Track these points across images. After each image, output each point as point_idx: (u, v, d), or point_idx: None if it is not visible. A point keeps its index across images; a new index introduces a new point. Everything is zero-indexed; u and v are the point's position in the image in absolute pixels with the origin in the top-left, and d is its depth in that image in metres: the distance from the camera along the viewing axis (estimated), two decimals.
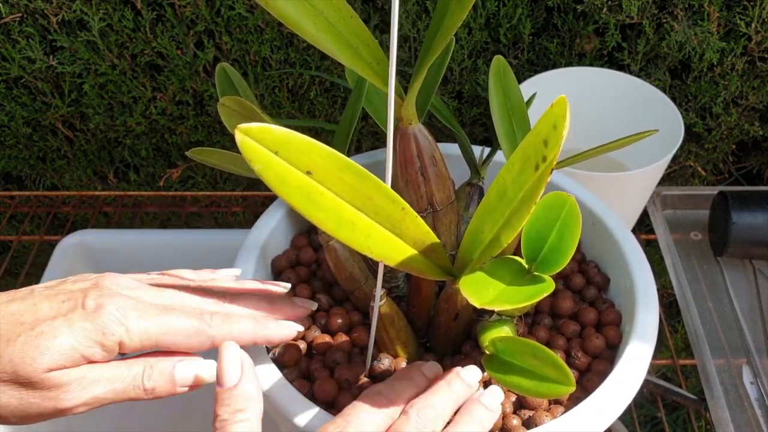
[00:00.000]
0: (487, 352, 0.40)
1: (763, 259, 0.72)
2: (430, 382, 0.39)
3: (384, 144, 0.44)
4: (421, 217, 0.46)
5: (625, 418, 0.76)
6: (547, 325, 0.49)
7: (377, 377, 0.45)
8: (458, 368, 0.40)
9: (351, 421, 0.35)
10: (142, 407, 0.69)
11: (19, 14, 0.77)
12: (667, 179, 0.90)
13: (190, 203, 0.95)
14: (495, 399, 0.39)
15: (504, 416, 0.43)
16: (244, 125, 0.31)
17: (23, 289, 0.37)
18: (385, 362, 0.45)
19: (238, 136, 0.31)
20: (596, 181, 0.63)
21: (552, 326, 0.50)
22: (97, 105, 0.84)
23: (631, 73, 0.79)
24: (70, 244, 0.77)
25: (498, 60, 0.51)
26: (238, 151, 0.31)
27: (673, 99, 0.81)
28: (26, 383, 0.33)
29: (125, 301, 0.36)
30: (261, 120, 0.41)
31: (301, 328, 0.41)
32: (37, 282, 0.73)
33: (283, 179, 0.32)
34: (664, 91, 0.79)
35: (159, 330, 0.35)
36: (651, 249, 0.91)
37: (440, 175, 0.44)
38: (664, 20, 0.76)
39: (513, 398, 0.44)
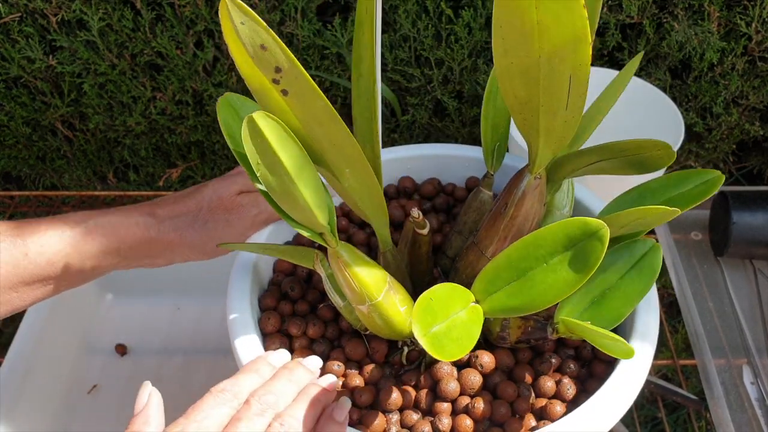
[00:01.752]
0: None
1: (764, 259, 0.72)
2: (277, 371, 0.40)
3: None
4: (463, 237, 0.48)
5: (626, 418, 0.76)
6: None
7: None
8: (300, 358, 0.42)
9: (192, 419, 0.36)
10: None
11: (19, 14, 0.77)
12: None
13: None
14: (329, 381, 0.41)
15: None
16: None
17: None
18: None
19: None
20: (596, 181, 0.63)
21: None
22: (97, 105, 0.84)
23: None
24: None
25: None
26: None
27: (674, 99, 0.81)
28: (226, 207, 0.50)
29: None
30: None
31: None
32: None
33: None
34: (665, 91, 0.79)
35: None
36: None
37: (504, 232, 0.44)
38: (665, 20, 0.76)
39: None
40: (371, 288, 0.42)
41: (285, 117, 0.36)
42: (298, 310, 0.51)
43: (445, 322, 0.36)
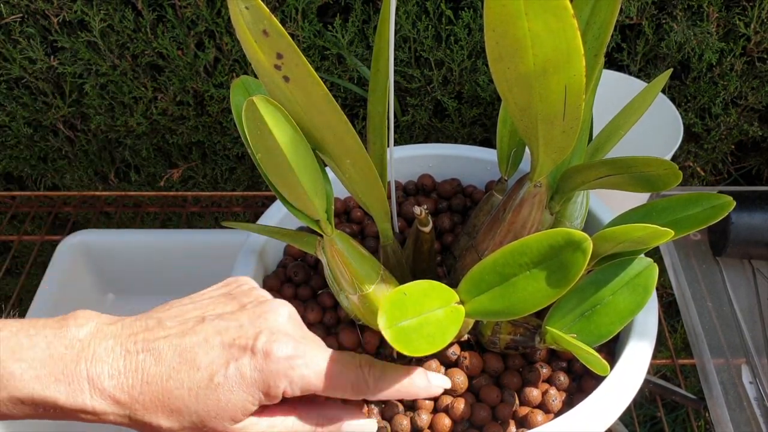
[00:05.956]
0: None
1: (762, 259, 0.72)
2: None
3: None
4: (470, 239, 0.47)
5: (625, 417, 0.76)
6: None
7: None
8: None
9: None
10: None
11: (20, 15, 0.77)
12: None
13: (190, 203, 0.95)
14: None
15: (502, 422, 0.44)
16: None
17: (192, 307, 0.38)
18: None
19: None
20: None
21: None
22: (98, 105, 0.85)
23: (630, 73, 0.80)
24: (71, 244, 0.77)
25: None
26: (238, 151, 0.31)
27: (673, 99, 0.81)
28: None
29: (291, 348, 0.36)
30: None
31: (448, 384, 0.41)
32: (38, 281, 0.73)
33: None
34: (664, 92, 0.80)
35: (320, 383, 0.36)
36: (650, 249, 0.91)
37: (499, 237, 0.44)
38: (664, 21, 0.76)
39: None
40: (362, 278, 0.43)
41: (289, 104, 0.36)
42: (300, 294, 0.51)
43: (417, 318, 0.36)
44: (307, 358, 0.36)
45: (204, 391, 0.35)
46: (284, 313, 0.38)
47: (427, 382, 0.39)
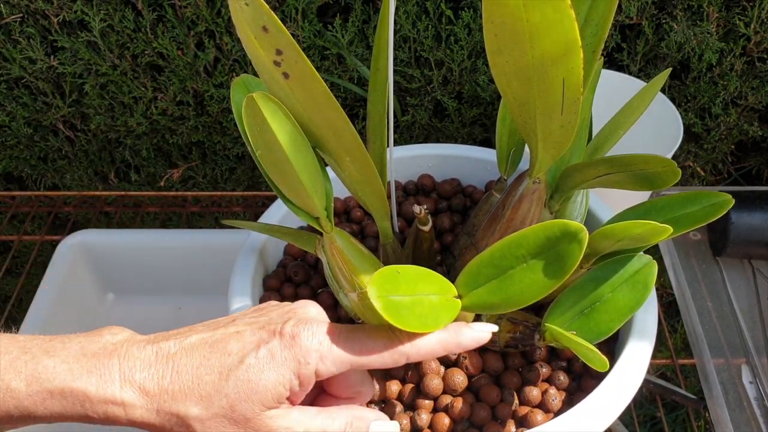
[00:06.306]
0: None
1: (762, 259, 0.72)
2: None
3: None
4: (470, 239, 0.47)
5: (625, 417, 0.76)
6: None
7: None
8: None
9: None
10: None
11: (20, 15, 0.77)
12: None
13: (190, 203, 0.95)
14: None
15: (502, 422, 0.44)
16: None
17: (223, 317, 0.40)
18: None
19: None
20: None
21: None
22: (98, 105, 0.85)
23: (630, 73, 0.80)
24: (71, 244, 0.77)
25: None
26: (239, 151, 0.31)
27: (673, 99, 0.81)
28: (241, 420, 0.35)
29: (318, 327, 0.36)
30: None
31: (495, 328, 0.39)
32: (38, 281, 0.73)
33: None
34: (664, 92, 0.80)
35: (353, 353, 0.36)
36: (650, 249, 0.91)
37: (499, 233, 0.44)
38: (664, 21, 0.76)
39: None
40: (361, 276, 0.43)
41: (289, 101, 0.36)
42: (300, 293, 0.51)
43: (410, 296, 0.36)
44: (335, 334, 0.36)
45: (235, 372, 0.34)
46: (312, 309, 0.39)
47: (471, 330, 0.38)
